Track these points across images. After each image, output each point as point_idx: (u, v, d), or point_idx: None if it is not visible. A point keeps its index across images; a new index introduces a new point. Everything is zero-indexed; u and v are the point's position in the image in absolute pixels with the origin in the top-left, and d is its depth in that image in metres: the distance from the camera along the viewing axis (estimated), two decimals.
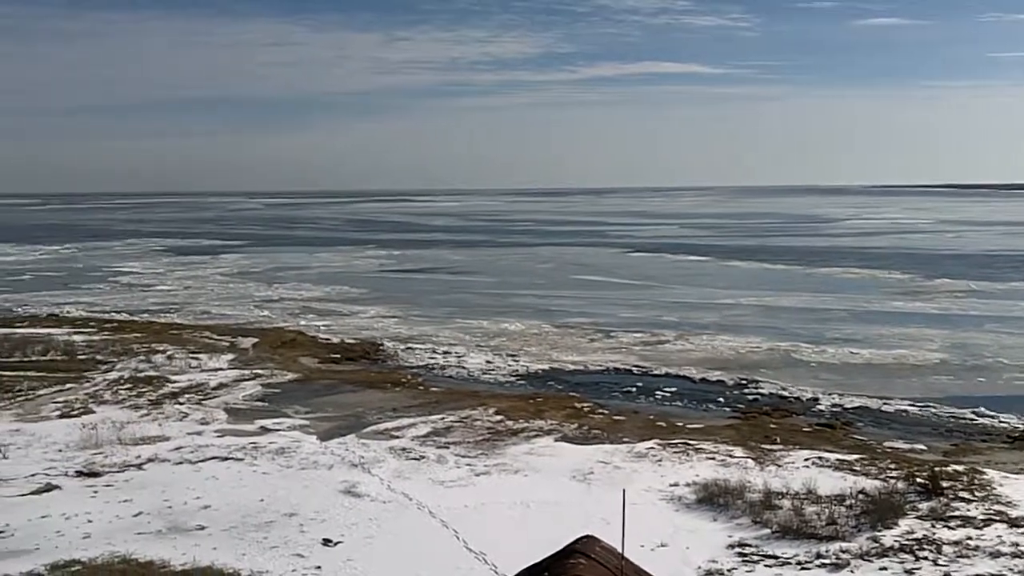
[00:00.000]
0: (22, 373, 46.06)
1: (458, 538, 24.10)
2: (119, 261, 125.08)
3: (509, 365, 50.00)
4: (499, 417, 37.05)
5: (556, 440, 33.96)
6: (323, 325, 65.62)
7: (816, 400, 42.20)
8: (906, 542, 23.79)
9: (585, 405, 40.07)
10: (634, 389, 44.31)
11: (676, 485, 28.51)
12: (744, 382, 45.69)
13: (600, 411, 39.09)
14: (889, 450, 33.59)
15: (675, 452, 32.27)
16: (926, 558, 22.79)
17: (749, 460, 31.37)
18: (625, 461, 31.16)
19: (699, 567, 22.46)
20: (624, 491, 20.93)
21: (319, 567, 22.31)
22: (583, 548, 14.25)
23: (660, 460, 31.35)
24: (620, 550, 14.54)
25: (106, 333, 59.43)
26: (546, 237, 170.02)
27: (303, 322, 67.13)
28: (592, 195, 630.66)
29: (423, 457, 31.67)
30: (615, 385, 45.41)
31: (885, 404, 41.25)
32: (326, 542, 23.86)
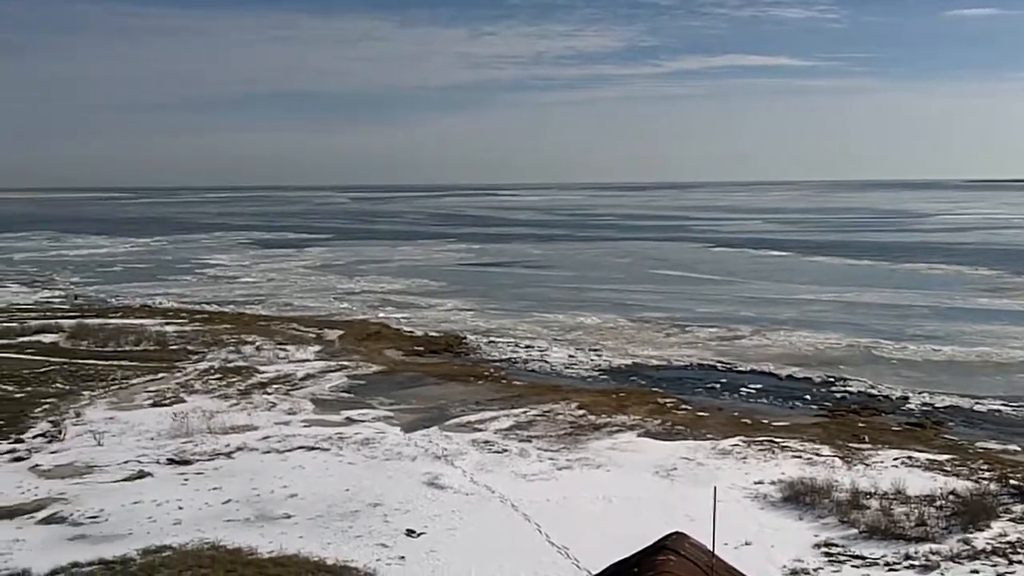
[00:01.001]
0: (116, 362, 47.39)
1: (540, 532, 24.12)
2: (206, 253, 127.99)
3: (591, 360, 49.85)
4: (581, 412, 36.97)
5: (639, 435, 33.77)
6: (401, 317, 66.39)
7: (905, 399, 41.24)
8: (999, 545, 23.14)
9: (668, 401, 39.76)
10: (718, 385, 43.81)
11: (761, 483, 28.13)
12: (832, 380, 44.82)
13: (684, 407, 38.75)
14: (981, 451, 32.67)
15: (760, 449, 31.84)
16: (1020, 562, 22.14)
17: (836, 459, 30.81)
18: (709, 458, 30.85)
19: (784, 566, 22.14)
20: (715, 488, 20.67)
21: (403, 557, 22.52)
22: (673, 544, 14.09)
23: (745, 457, 30.97)
24: (711, 547, 14.34)
25: (197, 324, 60.84)
26: (627, 232, 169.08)
27: (382, 314, 67.99)
28: (676, 189, 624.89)
29: (505, 450, 31.76)
30: (699, 381, 44.97)
31: (977, 404, 40.13)
32: (409, 533, 24.08)
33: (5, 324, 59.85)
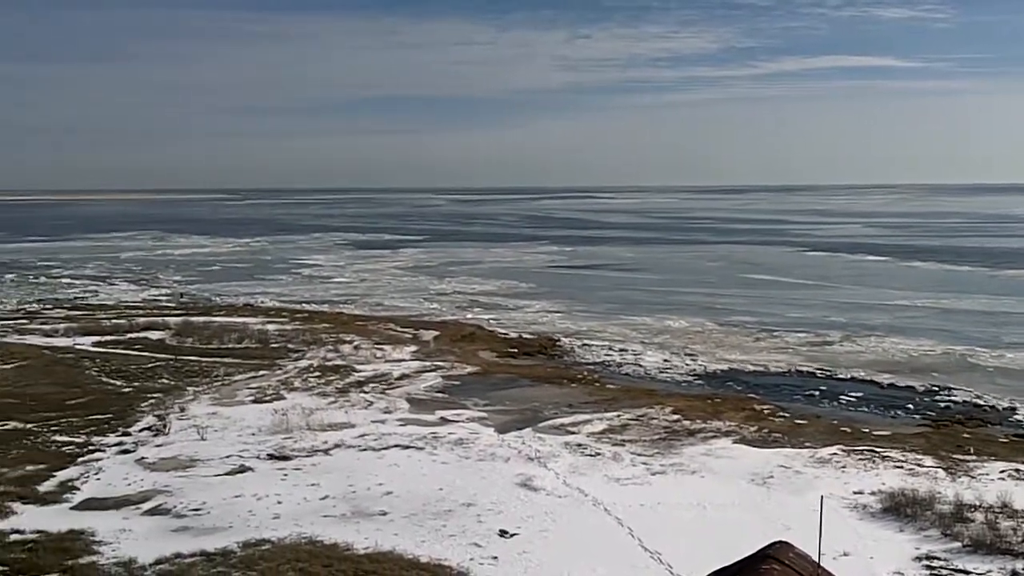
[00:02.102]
0: (219, 359, 48.66)
1: (633, 536, 24.00)
2: (303, 254, 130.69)
3: (686, 364, 49.42)
4: (676, 416, 36.67)
5: (734, 442, 33.35)
6: (489, 319, 66.88)
7: (1013, 410, 39.95)
8: None
9: (765, 407, 39.19)
10: (816, 393, 43.02)
11: (860, 493, 27.53)
12: (935, 389, 43.63)
13: (781, 414, 38.14)
14: None
15: (860, 459, 31.15)
16: None
17: (939, 470, 29.99)
18: (807, 466, 30.30)
19: None
20: (822, 497, 20.27)
21: (495, 557, 22.63)
22: (776, 553, 13.89)
23: (844, 467, 30.34)
24: (816, 558, 14.07)
25: (297, 323, 62.09)
26: (721, 235, 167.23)
27: (470, 315, 68.69)
28: (774, 193, 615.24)
29: (599, 454, 31.67)
30: (797, 388, 44.21)
31: None
32: (502, 533, 24.19)
33: (115, 321, 61.94)
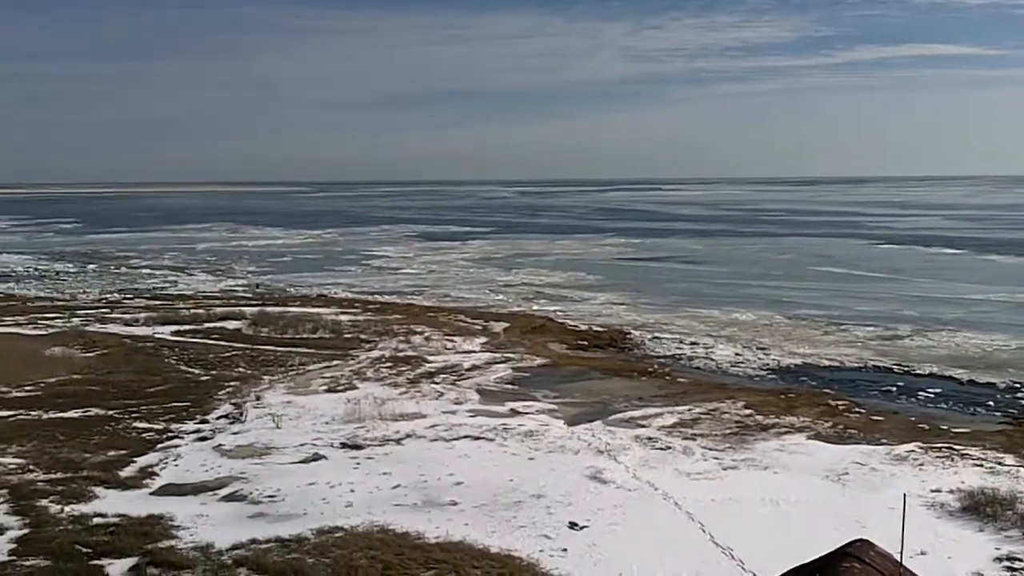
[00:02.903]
0: (294, 349, 49.42)
1: (704, 531, 23.85)
2: (373, 245, 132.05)
3: (759, 358, 48.88)
4: (748, 411, 36.32)
5: (808, 438, 32.92)
6: (555, 310, 66.98)
7: None
8: None
9: (840, 403, 38.60)
10: (893, 389, 42.22)
11: (938, 491, 26.98)
12: (1017, 386, 42.54)
13: (856, 410, 37.54)
14: None
15: (938, 456, 30.54)
16: None
17: (1021, 469, 29.25)
18: (883, 463, 29.79)
19: None
20: (904, 495, 19.84)
21: (565, 550, 22.65)
22: (856, 551, 13.65)
23: (921, 464, 29.76)
24: (898, 557, 13.80)
25: (369, 314, 62.78)
26: (792, 227, 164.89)
27: (535, 307, 68.95)
28: (849, 184, 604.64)
29: (669, 447, 31.52)
30: (872, 383, 43.45)
31: None
32: (572, 525, 24.21)
33: (193, 311, 63.25)
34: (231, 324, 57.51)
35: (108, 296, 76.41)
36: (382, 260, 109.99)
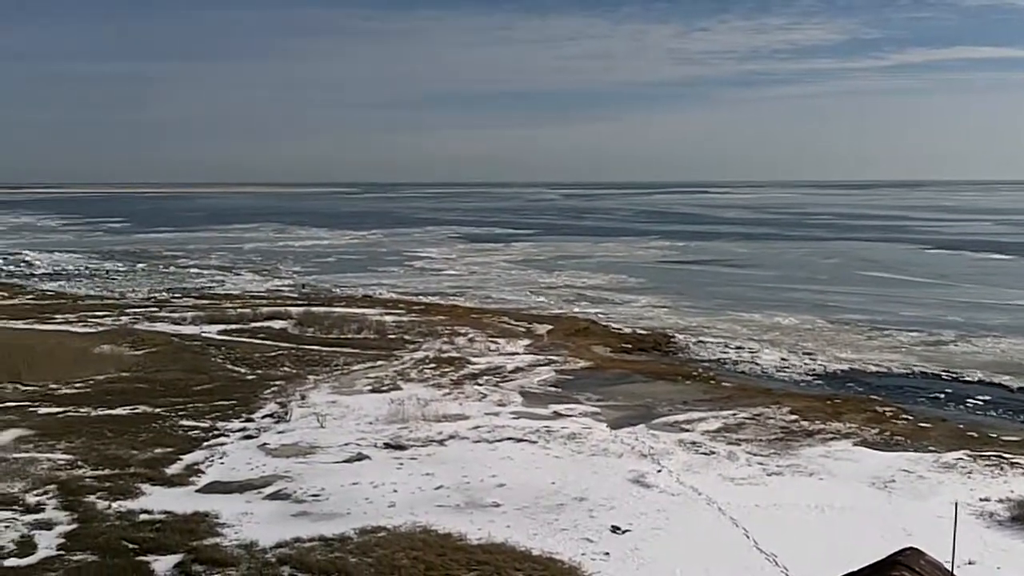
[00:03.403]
0: (339, 349, 49.73)
1: (748, 537, 23.65)
2: (417, 246, 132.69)
3: (805, 364, 48.42)
4: (793, 417, 35.97)
5: (855, 444, 32.53)
6: (596, 312, 66.93)
7: None
8: None
9: (887, 409, 38.10)
10: (941, 395, 41.62)
11: (987, 500, 26.54)
12: None
13: (903, 416, 37.03)
14: None
15: (987, 465, 30.03)
16: None
17: None
18: (930, 471, 29.37)
19: None
20: (956, 503, 19.64)
21: (607, 553, 22.58)
22: (906, 560, 13.46)
23: (970, 472, 29.30)
24: (950, 567, 13.57)
25: (413, 315, 63.02)
26: (839, 231, 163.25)
27: (576, 309, 68.95)
28: (899, 188, 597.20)
29: (713, 452, 31.29)
30: (920, 390, 42.87)
31: None
32: (614, 529, 24.12)
33: (240, 310, 63.84)
34: (277, 324, 58.00)
35: (156, 295, 77.42)
36: (424, 261, 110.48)
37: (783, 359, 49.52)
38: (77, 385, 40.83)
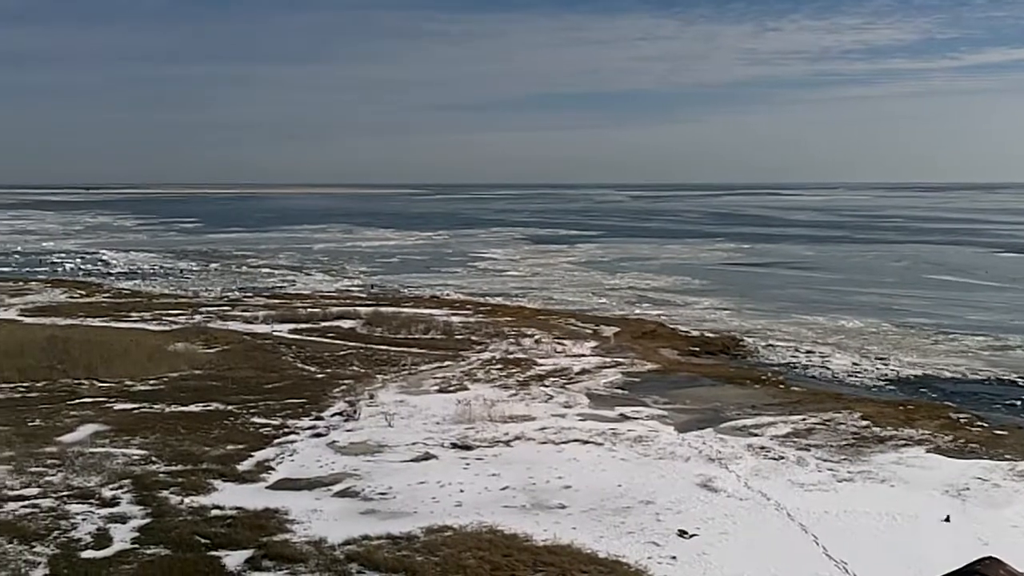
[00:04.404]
0: (407, 349, 50.10)
1: (817, 543, 23.35)
2: (481, 247, 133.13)
3: (877, 369, 47.62)
4: (865, 422, 35.39)
5: (928, 451, 31.91)
6: (658, 314, 66.54)
7: None
8: None
9: (962, 416, 37.28)
10: (1018, 402, 40.62)
11: None
12: None
13: (978, 423, 36.22)
14: None
15: None
16: None
17: None
18: (1006, 479, 28.69)
19: None
20: None
21: (674, 557, 22.45)
22: (985, 570, 13.17)
23: None
24: None
25: (480, 316, 63.24)
26: (911, 234, 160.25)
27: (638, 311, 68.63)
28: (974, 191, 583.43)
29: (782, 457, 30.92)
30: (995, 396, 41.91)
31: None
32: (681, 533, 23.97)
33: (310, 310, 64.67)
34: (346, 323, 58.62)
35: (229, 294, 78.73)
36: (488, 262, 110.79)
37: (854, 364, 48.76)
38: (151, 382, 41.72)
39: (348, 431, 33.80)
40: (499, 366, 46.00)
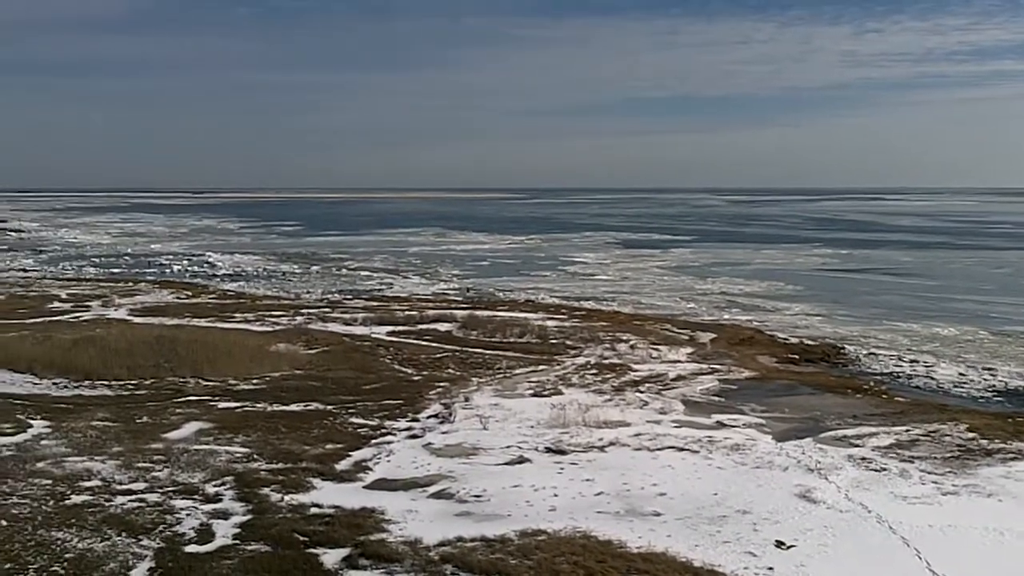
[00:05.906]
0: (502, 353, 50.35)
1: (920, 558, 22.74)
2: (573, 251, 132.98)
3: (984, 379, 46.15)
4: (971, 435, 34.32)
5: None
6: (748, 320, 65.77)
7: None
8: None
9: None
10: None
11: None
12: None
13: None
14: None
15: None
16: None
17: None
18: None
19: None
20: None
21: (771, 568, 22.10)
22: None
23: None
24: None
25: (575, 320, 63.17)
26: (1016, 241, 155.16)
27: (727, 316, 67.89)
28: None
29: (884, 469, 30.19)
30: None
31: None
32: (779, 544, 23.59)
33: (407, 312, 65.43)
34: (442, 326, 59.13)
35: (329, 296, 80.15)
36: (579, 266, 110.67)
37: (961, 374, 47.36)
38: (254, 381, 42.71)
39: (443, 433, 34.10)
40: (594, 371, 45.90)
